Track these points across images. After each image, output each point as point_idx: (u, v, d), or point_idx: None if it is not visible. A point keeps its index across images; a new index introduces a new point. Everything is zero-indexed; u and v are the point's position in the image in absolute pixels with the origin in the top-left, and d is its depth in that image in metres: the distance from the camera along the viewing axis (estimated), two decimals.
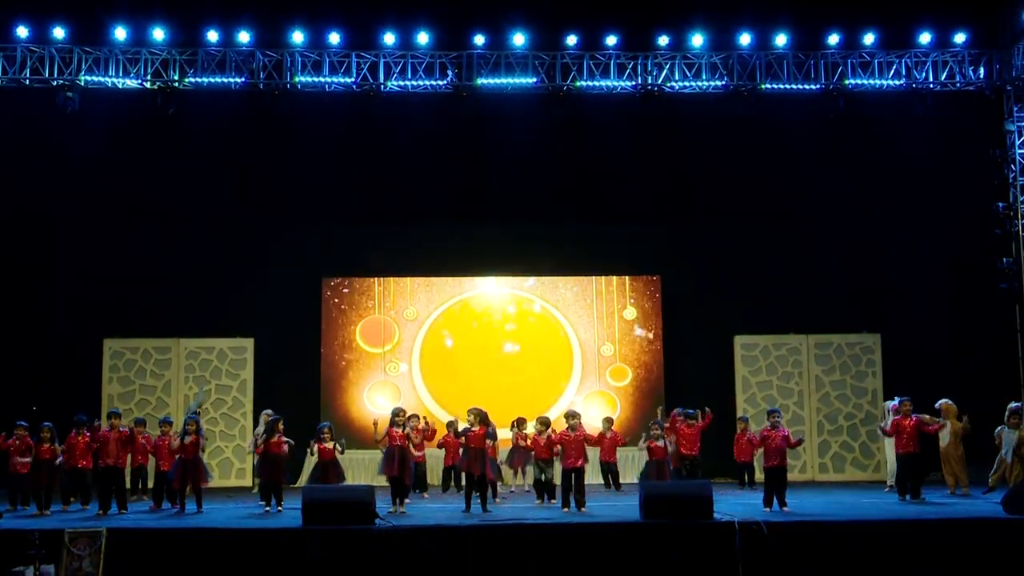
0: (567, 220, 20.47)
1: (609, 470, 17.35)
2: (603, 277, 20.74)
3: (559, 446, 14.67)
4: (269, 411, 16.98)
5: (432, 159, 19.98)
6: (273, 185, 19.90)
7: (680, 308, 20.54)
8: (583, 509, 14.01)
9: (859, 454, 19.50)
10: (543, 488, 15.46)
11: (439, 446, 17.11)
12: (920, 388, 16.38)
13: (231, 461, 19.27)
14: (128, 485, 15.59)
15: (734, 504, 14.42)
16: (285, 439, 14.65)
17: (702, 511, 12.53)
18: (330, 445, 14.66)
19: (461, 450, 15.09)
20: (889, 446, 16.61)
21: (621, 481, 17.60)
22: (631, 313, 20.57)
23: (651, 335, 20.51)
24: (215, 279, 19.93)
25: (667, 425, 15.93)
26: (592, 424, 17.39)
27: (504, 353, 20.51)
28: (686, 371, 20.27)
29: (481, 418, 14.48)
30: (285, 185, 19.91)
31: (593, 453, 15.86)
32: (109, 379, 19.27)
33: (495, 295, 20.73)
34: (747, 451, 17.04)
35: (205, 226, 20.02)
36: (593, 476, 16.87)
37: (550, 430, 15.21)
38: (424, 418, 16.03)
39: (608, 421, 17.53)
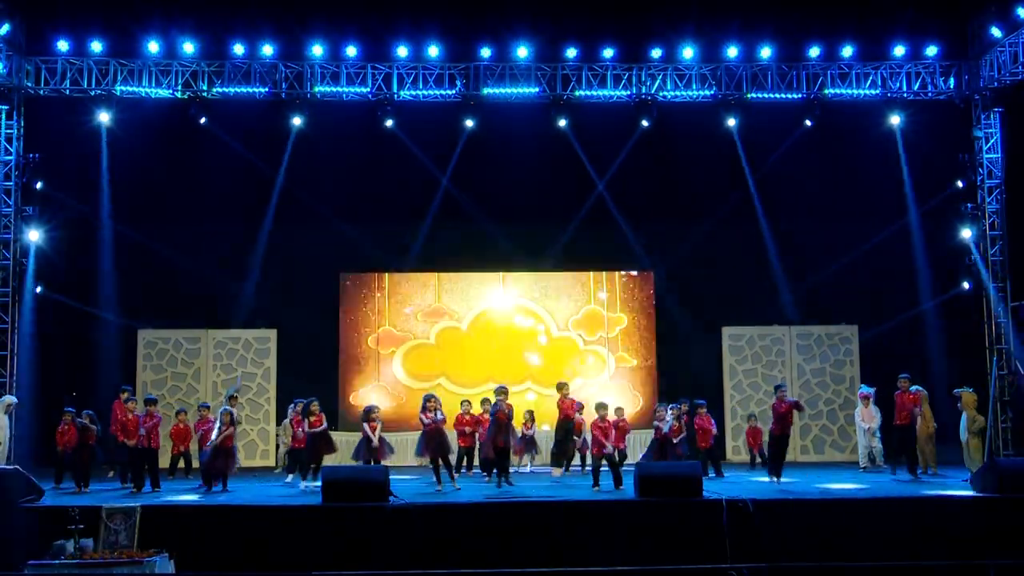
0: (567, 220, 20.33)
1: (620, 455, 17.23)
2: (602, 273, 20.63)
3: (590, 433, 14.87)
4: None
5: (441, 163, 19.88)
6: (294, 187, 19.81)
7: (672, 302, 20.43)
8: (619, 487, 14.02)
9: (837, 437, 19.44)
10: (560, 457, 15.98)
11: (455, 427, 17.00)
12: (893, 376, 16.31)
13: (256, 443, 19.21)
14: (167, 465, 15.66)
15: (722, 483, 14.43)
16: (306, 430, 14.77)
17: (692, 490, 12.52)
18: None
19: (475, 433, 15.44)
20: (860, 431, 16.61)
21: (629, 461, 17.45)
22: (621, 310, 20.52)
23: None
24: (241, 274, 19.86)
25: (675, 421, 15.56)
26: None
27: (508, 352, 20.31)
28: (678, 360, 20.17)
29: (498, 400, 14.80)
30: (305, 187, 19.82)
31: None
32: (143, 367, 19.24)
33: (500, 293, 20.57)
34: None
35: (231, 225, 19.94)
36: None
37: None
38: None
39: (619, 410, 17.41)
